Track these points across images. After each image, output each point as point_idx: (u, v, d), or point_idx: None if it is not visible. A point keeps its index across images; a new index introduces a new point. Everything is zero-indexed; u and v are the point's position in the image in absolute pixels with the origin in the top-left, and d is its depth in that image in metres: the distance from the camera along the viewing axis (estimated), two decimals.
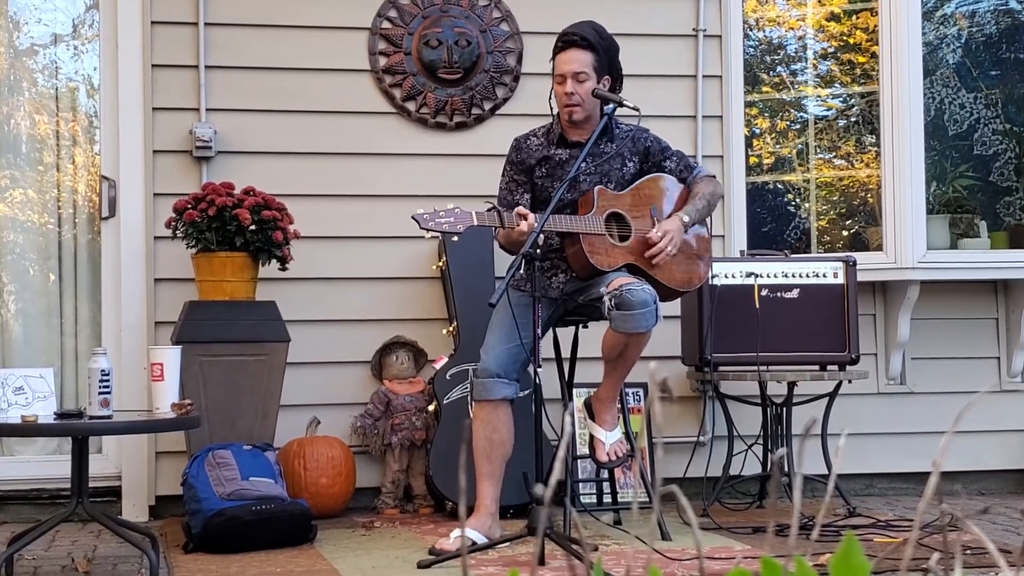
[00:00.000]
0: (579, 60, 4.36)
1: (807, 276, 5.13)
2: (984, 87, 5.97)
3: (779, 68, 6.21)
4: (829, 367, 5.12)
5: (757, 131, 6.08)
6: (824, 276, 5.14)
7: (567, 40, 4.40)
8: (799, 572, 1.13)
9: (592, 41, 4.38)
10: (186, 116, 5.30)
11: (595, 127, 4.38)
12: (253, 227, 4.83)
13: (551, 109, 4.50)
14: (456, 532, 4.21)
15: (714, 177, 4.65)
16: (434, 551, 4.06)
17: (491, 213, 4.13)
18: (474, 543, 4.14)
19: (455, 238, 4.08)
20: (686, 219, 4.40)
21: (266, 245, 4.88)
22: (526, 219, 4.09)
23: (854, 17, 5.96)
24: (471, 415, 5.01)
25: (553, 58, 4.44)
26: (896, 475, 5.75)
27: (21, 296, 5.50)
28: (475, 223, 4.06)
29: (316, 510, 4.66)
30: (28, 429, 3.97)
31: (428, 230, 4.02)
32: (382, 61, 5.49)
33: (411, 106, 5.49)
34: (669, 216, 4.43)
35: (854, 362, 5.11)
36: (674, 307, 5.14)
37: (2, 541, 4.29)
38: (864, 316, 5.54)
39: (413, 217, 4.03)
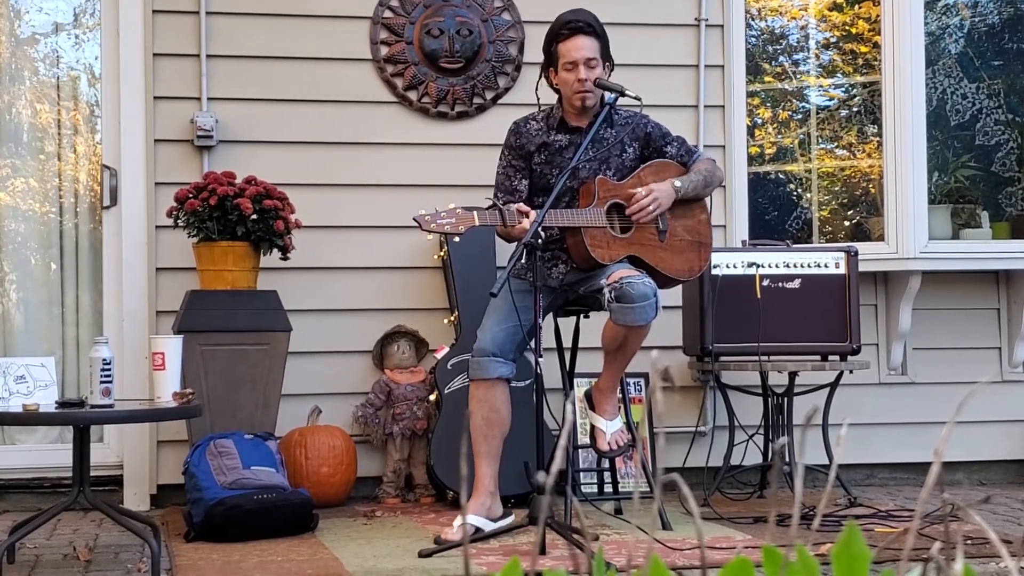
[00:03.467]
0: (589, 46, 4.34)
1: (808, 266, 5.13)
2: (986, 77, 5.96)
3: (781, 58, 6.20)
4: (830, 357, 5.12)
5: (759, 121, 6.07)
6: (826, 266, 5.14)
7: (573, 27, 4.37)
8: (800, 561, 1.13)
9: (596, 28, 4.38)
10: (187, 105, 5.30)
11: (594, 113, 4.38)
12: (254, 216, 4.83)
13: (538, 99, 4.47)
14: (459, 520, 4.21)
15: (714, 160, 4.65)
16: (439, 541, 4.06)
17: (492, 212, 4.11)
18: (478, 529, 4.15)
19: (456, 239, 4.09)
20: (678, 184, 4.39)
21: (267, 234, 4.88)
22: (527, 217, 4.09)
23: (856, 7, 5.95)
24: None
25: (554, 45, 4.40)
26: (897, 465, 5.76)
27: (23, 285, 5.51)
28: (476, 223, 4.05)
29: (317, 499, 4.66)
30: (30, 418, 3.98)
31: (430, 231, 4.01)
32: (383, 50, 5.48)
33: (412, 95, 5.48)
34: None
35: (855, 352, 5.11)
36: (675, 297, 5.14)
37: (3, 530, 4.30)
38: (865, 306, 5.54)
39: (415, 219, 4.01)
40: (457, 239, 4.09)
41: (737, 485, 5.37)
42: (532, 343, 4.13)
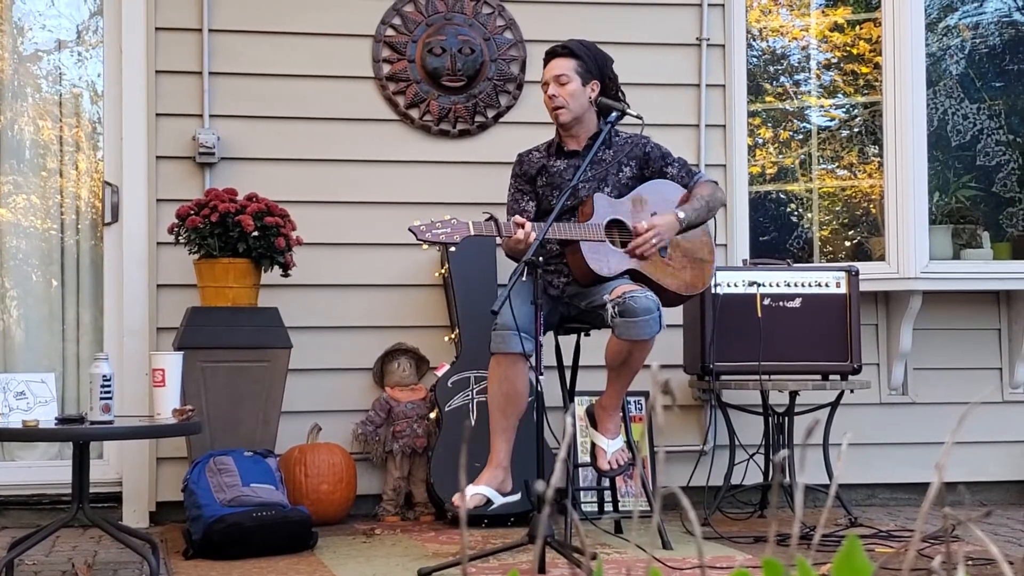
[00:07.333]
0: (559, 65, 4.50)
1: (809, 285, 5.13)
2: (987, 98, 5.97)
3: (782, 78, 6.21)
4: (831, 377, 5.11)
5: (760, 141, 6.08)
6: (826, 285, 5.14)
7: (549, 52, 4.57)
8: (801, 574, 1.13)
9: (572, 48, 4.53)
10: (189, 122, 5.31)
11: (591, 134, 4.45)
12: (256, 233, 4.83)
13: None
14: (472, 490, 4.17)
15: (716, 183, 4.67)
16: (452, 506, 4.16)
17: (488, 223, 4.13)
18: (489, 500, 4.18)
19: (452, 248, 4.10)
20: (681, 215, 4.41)
21: (268, 251, 4.88)
22: (523, 227, 4.11)
23: (857, 28, 5.97)
24: (472, 420, 5.02)
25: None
26: (898, 485, 5.74)
27: (23, 301, 5.51)
28: (471, 233, 4.06)
29: (317, 517, 4.65)
30: (29, 434, 3.98)
31: (425, 241, 4.03)
32: (386, 68, 5.50)
33: (414, 113, 5.50)
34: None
35: (856, 372, 5.10)
36: (676, 315, 5.14)
37: (3, 546, 4.29)
38: (866, 326, 5.54)
39: (410, 229, 4.03)
40: (453, 248, 4.11)
41: (737, 504, 5.35)
42: (533, 360, 4.13)
